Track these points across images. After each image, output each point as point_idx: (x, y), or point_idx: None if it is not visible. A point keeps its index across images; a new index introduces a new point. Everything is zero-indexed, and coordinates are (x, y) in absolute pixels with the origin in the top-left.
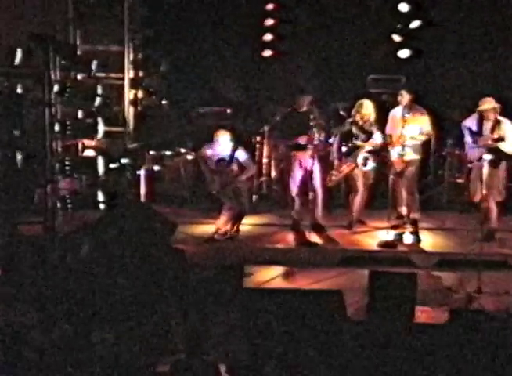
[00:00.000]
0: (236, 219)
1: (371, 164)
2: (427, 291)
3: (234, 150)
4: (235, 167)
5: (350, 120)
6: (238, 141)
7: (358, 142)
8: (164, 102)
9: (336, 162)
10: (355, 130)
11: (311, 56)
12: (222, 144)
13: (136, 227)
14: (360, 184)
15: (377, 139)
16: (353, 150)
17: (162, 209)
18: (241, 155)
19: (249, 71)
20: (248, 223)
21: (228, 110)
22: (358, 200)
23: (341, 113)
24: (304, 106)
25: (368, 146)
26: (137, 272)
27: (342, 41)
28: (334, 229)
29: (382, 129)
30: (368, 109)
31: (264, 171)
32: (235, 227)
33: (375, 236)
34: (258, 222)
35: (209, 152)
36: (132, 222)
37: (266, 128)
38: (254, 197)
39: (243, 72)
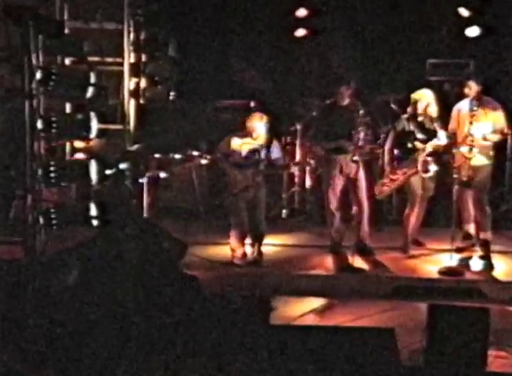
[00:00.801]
0: (255, 239)
1: (433, 169)
2: (501, 331)
3: (270, 141)
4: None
5: (405, 115)
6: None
7: (417, 143)
8: (172, 93)
9: (387, 168)
10: (411, 128)
11: (356, 36)
12: (257, 131)
13: (138, 248)
14: (418, 196)
15: (441, 138)
16: (409, 153)
17: (169, 225)
18: (276, 149)
19: (278, 55)
20: (276, 244)
21: (253, 104)
22: (414, 216)
23: (393, 107)
24: (347, 98)
25: (429, 148)
26: (140, 304)
27: (394, 16)
28: (384, 251)
29: (446, 127)
30: (428, 101)
31: (296, 180)
32: (255, 249)
33: (436, 261)
34: (289, 243)
35: (236, 142)
36: (133, 242)
37: (299, 127)
38: (283, 211)
39: (270, 56)
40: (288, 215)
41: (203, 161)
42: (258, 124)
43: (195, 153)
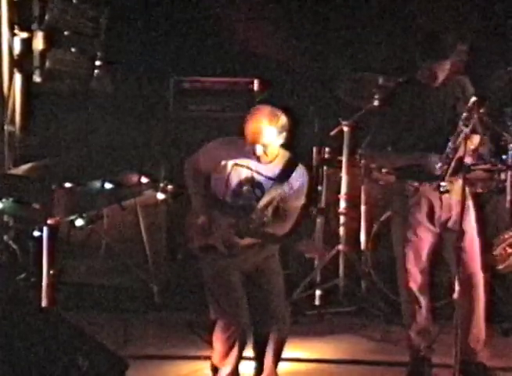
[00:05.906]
0: (264, 349)
1: None
2: None
3: (290, 165)
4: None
5: None
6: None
7: None
8: (98, 63)
9: None
10: None
11: None
12: (266, 141)
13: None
14: None
15: None
16: None
17: (92, 322)
18: (299, 179)
19: None
20: (302, 358)
21: (257, 84)
22: None
23: None
24: (443, 70)
25: None
26: None
27: None
28: None
29: None
30: None
31: (341, 231)
32: (266, 368)
33: None
34: (325, 356)
35: (224, 158)
36: (21, 355)
37: (346, 128)
38: (316, 293)
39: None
40: (324, 299)
41: (160, 196)
42: (266, 132)
43: (144, 180)
